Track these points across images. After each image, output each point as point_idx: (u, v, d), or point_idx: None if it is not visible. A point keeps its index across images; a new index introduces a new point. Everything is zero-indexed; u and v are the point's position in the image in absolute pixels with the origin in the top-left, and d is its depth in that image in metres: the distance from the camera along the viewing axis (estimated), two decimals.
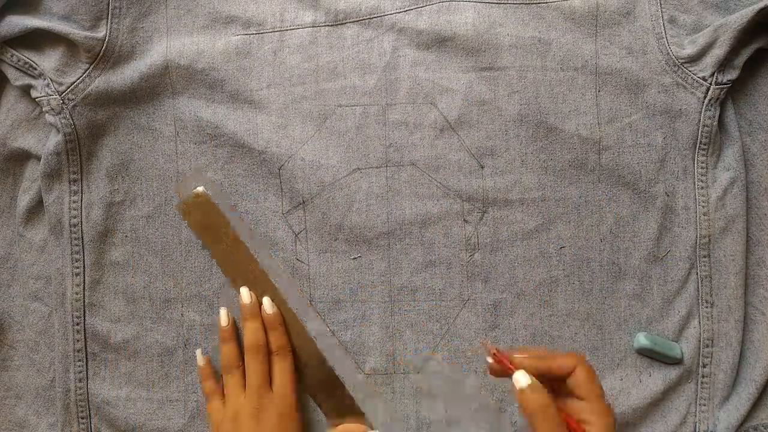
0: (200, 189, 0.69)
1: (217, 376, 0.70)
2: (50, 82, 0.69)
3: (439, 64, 0.70)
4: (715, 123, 0.69)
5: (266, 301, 0.68)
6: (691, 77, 0.69)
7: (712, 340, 0.70)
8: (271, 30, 0.71)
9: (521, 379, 0.55)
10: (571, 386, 0.55)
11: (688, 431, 0.70)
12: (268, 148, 0.70)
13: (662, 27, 0.69)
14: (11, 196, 0.73)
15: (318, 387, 0.69)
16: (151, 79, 0.70)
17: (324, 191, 0.71)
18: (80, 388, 0.71)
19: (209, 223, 0.69)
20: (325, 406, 0.69)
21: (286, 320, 0.68)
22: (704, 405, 0.70)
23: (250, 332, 0.67)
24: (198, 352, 0.70)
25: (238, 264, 0.69)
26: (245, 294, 0.68)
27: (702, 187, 0.70)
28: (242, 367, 0.67)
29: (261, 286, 0.69)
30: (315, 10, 0.71)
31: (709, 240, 0.70)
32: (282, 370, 0.67)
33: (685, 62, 0.69)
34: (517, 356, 0.57)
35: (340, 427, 0.63)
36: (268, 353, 0.67)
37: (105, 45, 0.70)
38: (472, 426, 0.70)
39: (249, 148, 0.71)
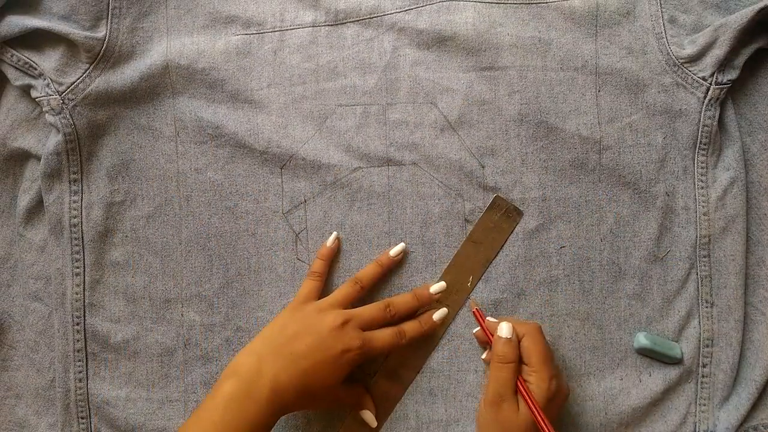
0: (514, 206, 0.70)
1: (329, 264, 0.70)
2: (50, 82, 0.69)
3: (440, 63, 0.70)
4: (715, 123, 0.69)
5: (440, 313, 0.69)
6: (691, 77, 0.69)
7: (712, 340, 0.70)
8: (271, 30, 0.71)
9: (505, 329, 0.64)
10: (521, 351, 0.64)
11: (688, 431, 0.70)
12: (269, 148, 0.70)
13: (662, 27, 0.69)
14: (11, 196, 0.73)
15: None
16: (151, 79, 0.70)
17: (325, 190, 0.71)
18: (80, 388, 0.71)
19: (496, 227, 0.70)
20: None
21: (424, 343, 0.70)
22: (704, 405, 0.70)
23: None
24: (334, 233, 0.70)
25: (465, 266, 0.70)
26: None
27: (702, 187, 0.70)
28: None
29: (454, 297, 0.70)
30: (315, 10, 0.71)
31: (709, 240, 0.70)
32: (387, 340, 0.66)
33: (685, 62, 0.69)
34: (489, 318, 0.68)
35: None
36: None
37: (105, 45, 0.70)
38: (472, 426, 0.70)
39: (250, 148, 0.71)
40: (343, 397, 0.67)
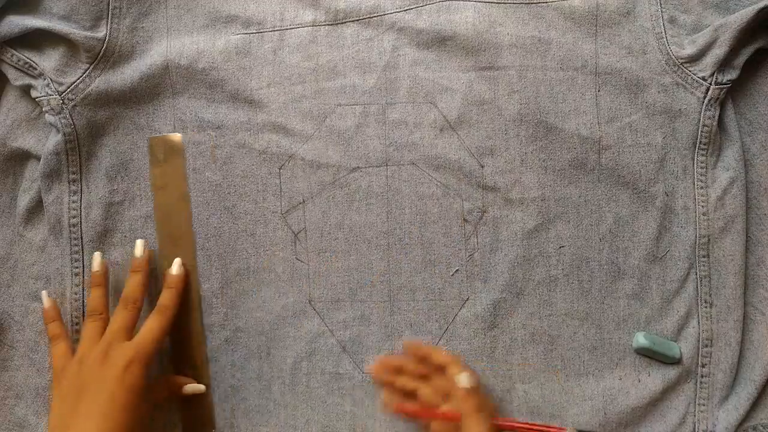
0: (178, 137, 0.70)
1: (63, 320, 0.68)
2: (50, 82, 0.69)
3: (439, 63, 0.70)
4: (715, 123, 0.69)
5: (177, 262, 0.68)
6: (691, 77, 0.69)
7: (711, 340, 0.70)
8: (271, 29, 0.71)
9: (464, 379, 0.63)
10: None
11: (687, 431, 0.70)
12: (269, 148, 0.71)
13: (662, 27, 0.69)
14: (11, 196, 0.73)
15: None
16: (151, 79, 0.70)
17: (324, 190, 0.71)
18: None
19: (168, 171, 0.70)
20: (185, 415, 0.71)
21: (190, 304, 0.70)
22: (703, 405, 0.70)
23: (132, 285, 0.67)
24: (44, 293, 0.68)
25: (172, 219, 0.71)
26: (139, 246, 0.68)
27: (701, 187, 0.70)
28: (106, 316, 0.66)
29: (184, 252, 0.70)
30: (315, 9, 0.71)
31: (709, 240, 0.70)
32: (152, 325, 0.65)
33: (685, 62, 0.69)
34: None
35: None
36: (139, 309, 0.66)
37: (105, 45, 0.70)
38: None
39: (249, 148, 0.71)
40: (156, 400, 0.67)
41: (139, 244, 0.69)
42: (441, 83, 0.70)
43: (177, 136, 0.71)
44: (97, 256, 0.69)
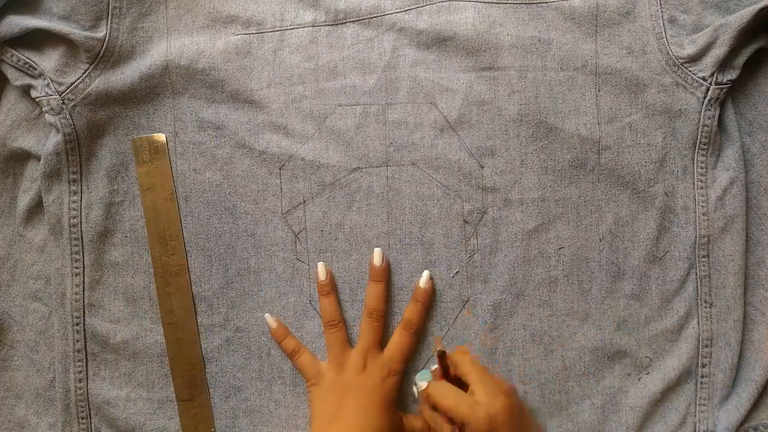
0: (162, 136, 0.70)
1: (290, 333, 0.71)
2: (50, 82, 0.69)
3: (439, 63, 0.70)
4: (715, 123, 0.69)
5: (425, 274, 0.70)
6: (691, 77, 0.69)
7: (711, 340, 0.70)
8: (271, 29, 0.71)
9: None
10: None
11: (688, 431, 0.70)
12: (269, 148, 0.71)
13: (662, 27, 0.69)
14: (11, 196, 0.73)
15: (184, 388, 0.71)
16: (151, 79, 0.70)
17: (324, 191, 0.71)
18: (80, 389, 0.71)
19: (155, 171, 0.71)
20: (185, 415, 0.71)
21: (184, 311, 0.71)
22: (704, 405, 0.70)
23: (374, 295, 0.69)
24: (266, 315, 0.70)
25: (161, 220, 0.71)
26: (377, 255, 0.69)
27: (701, 187, 0.70)
28: (343, 323, 0.69)
29: (175, 252, 0.71)
30: (315, 10, 0.71)
31: (709, 240, 0.70)
32: (400, 342, 0.69)
33: (685, 62, 0.69)
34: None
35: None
36: (385, 318, 0.70)
37: (105, 45, 0.70)
38: None
39: (249, 149, 0.71)
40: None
41: (378, 253, 0.69)
42: (441, 83, 0.70)
43: (161, 136, 0.71)
44: (321, 266, 0.70)
